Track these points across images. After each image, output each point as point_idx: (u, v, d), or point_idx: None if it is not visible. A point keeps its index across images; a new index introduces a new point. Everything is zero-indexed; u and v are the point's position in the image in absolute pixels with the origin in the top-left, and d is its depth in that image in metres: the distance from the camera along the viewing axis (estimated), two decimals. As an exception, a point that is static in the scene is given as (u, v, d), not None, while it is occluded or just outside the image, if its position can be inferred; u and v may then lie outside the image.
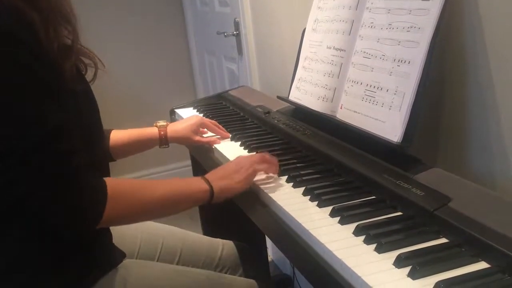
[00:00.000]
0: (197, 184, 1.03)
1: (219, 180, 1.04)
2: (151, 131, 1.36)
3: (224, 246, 1.32)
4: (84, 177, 0.85)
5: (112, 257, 1.03)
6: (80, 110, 0.92)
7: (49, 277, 0.92)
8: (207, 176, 1.05)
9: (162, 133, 1.36)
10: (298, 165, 1.15)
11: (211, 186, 1.02)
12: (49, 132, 0.82)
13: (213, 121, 1.48)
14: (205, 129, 1.45)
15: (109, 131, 1.28)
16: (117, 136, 1.29)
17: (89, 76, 1.00)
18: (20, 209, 0.84)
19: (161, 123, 1.39)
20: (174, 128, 1.39)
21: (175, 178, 1.03)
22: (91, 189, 0.86)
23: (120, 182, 0.94)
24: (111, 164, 1.16)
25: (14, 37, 0.80)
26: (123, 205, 0.91)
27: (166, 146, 1.39)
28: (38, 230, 0.88)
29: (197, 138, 1.39)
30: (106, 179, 0.90)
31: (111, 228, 1.04)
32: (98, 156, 1.00)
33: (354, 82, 1.16)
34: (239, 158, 1.11)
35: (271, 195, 1.02)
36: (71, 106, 0.89)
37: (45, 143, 0.81)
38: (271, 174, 1.11)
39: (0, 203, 0.84)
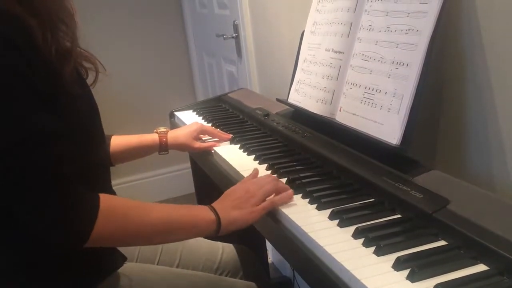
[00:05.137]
0: (202, 212, 0.95)
1: (228, 210, 0.96)
2: (152, 137, 1.36)
3: (224, 249, 1.32)
4: (74, 191, 0.81)
5: (113, 260, 1.03)
6: (80, 115, 0.92)
7: (50, 280, 0.92)
8: (215, 204, 0.97)
9: (163, 139, 1.36)
10: (297, 167, 1.15)
11: (218, 217, 0.94)
12: (36, 136, 0.79)
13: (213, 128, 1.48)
14: (206, 135, 1.45)
15: (109, 137, 1.28)
16: (117, 142, 1.29)
17: (89, 80, 0.99)
18: (9, 217, 0.83)
19: (162, 129, 1.38)
20: (174, 135, 1.38)
21: (179, 205, 0.96)
22: (81, 203, 0.82)
23: (115, 199, 0.90)
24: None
25: (10, 43, 0.79)
26: (115, 225, 0.85)
27: (166, 152, 1.39)
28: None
29: (197, 145, 1.39)
30: (101, 194, 0.85)
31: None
32: (99, 161, 1.00)
33: (353, 84, 1.16)
34: (247, 183, 1.02)
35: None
36: (71, 110, 0.88)
37: (31, 148, 0.78)
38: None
39: None
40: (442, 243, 0.80)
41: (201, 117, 1.72)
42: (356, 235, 0.83)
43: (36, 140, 0.80)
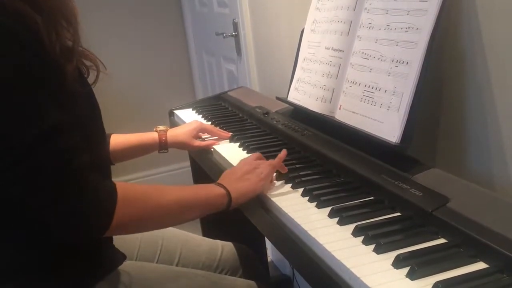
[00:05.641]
0: (212, 189, 0.99)
1: (235, 183, 1.00)
2: (151, 136, 1.36)
3: (223, 248, 1.32)
4: (90, 180, 0.81)
5: (113, 259, 1.03)
6: (80, 114, 0.92)
7: (49, 278, 0.92)
8: (220, 181, 1.01)
9: (162, 138, 1.36)
10: (297, 166, 1.15)
11: (227, 190, 0.98)
12: (48, 130, 0.79)
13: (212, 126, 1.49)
14: (205, 133, 1.45)
15: (109, 136, 1.28)
16: (117, 140, 1.29)
17: (90, 79, 0.99)
18: (20, 212, 0.83)
19: (161, 128, 1.39)
20: (174, 133, 1.39)
21: (188, 186, 0.98)
22: (98, 193, 0.82)
23: (132, 186, 0.90)
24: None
25: (14, 39, 0.79)
26: (134, 212, 0.86)
27: (165, 151, 1.39)
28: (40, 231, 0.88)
29: (197, 143, 1.40)
30: (117, 182, 0.86)
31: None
32: (100, 160, 1.00)
33: (353, 82, 1.16)
34: (246, 160, 1.09)
35: (270, 196, 1.02)
36: (71, 109, 0.88)
37: (43, 141, 0.78)
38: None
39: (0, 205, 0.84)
40: (441, 241, 0.80)
41: (201, 116, 1.72)
42: (355, 233, 0.83)
43: (49, 133, 0.79)
